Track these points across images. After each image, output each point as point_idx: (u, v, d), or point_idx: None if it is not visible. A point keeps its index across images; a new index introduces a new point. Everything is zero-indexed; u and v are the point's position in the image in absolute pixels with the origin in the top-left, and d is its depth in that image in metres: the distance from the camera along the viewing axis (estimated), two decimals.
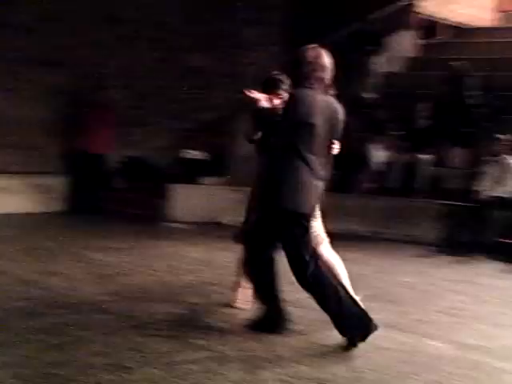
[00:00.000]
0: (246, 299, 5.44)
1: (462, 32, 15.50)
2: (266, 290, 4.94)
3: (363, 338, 4.65)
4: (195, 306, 5.58)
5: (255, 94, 4.73)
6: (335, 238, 8.50)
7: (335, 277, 5.00)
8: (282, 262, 4.87)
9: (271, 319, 4.94)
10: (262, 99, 4.73)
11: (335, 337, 4.88)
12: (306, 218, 4.72)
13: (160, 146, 12.42)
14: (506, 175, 9.07)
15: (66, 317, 5.07)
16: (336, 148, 4.90)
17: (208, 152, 11.88)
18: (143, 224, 9.89)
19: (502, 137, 9.26)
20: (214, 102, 12.96)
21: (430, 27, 15.36)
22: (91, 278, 6.41)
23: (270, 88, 5.07)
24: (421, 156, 10.14)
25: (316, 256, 4.81)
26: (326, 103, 4.74)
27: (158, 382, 3.94)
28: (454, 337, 5.13)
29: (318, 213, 5.11)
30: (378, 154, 10.55)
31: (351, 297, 4.78)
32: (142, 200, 10.78)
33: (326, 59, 4.78)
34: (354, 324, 4.67)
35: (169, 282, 6.43)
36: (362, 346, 4.73)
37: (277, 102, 4.81)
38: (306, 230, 4.72)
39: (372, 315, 5.48)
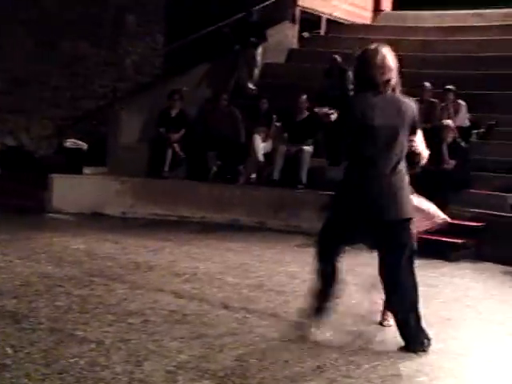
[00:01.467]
0: None
1: (342, 27, 15.94)
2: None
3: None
4: (77, 298, 5.46)
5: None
6: (219, 229, 8.59)
7: None
8: None
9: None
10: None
11: (220, 326, 4.93)
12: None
13: (41, 135, 12.08)
14: None
15: None
16: (415, 143, 4.76)
17: (89, 141, 11.64)
18: (24, 215, 9.55)
19: None
20: (95, 91, 12.73)
21: (313, 21, 15.69)
22: None
23: None
24: (304, 147, 10.30)
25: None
26: (386, 103, 4.62)
27: (38, 378, 3.84)
28: (336, 325, 5.20)
29: None
30: (262, 145, 10.64)
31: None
32: (22, 190, 10.40)
33: (391, 59, 4.72)
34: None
35: (50, 273, 6.25)
36: (246, 335, 4.80)
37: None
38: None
39: (256, 304, 5.62)
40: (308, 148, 10.39)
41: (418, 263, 4.77)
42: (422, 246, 5.00)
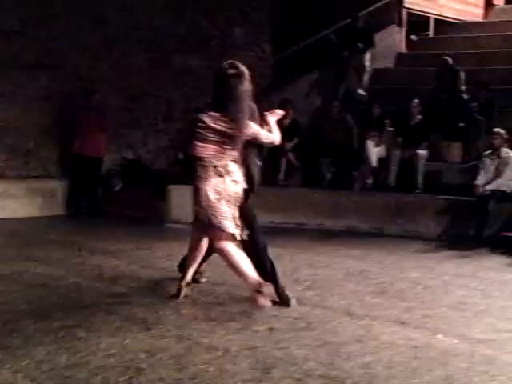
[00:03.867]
0: None
1: (451, 27, 15.59)
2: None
3: None
4: (201, 306, 5.55)
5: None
6: (336, 236, 8.52)
7: None
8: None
9: None
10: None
11: (345, 333, 4.91)
12: None
13: (157, 148, 12.44)
14: (504, 168, 9.07)
15: (74, 318, 5.06)
16: None
17: None
18: (144, 226, 9.85)
19: (497, 130, 9.26)
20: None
21: (421, 22, 15.44)
22: (96, 280, 6.37)
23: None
24: (418, 151, 10.13)
25: None
26: None
27: (172, 382, 3.95)
28: (464, 331, 5.12)
29: None
30: (375, 150, 10.54)
31: None
32: (142, 202, 10.74)
33: None
34: None
35: (173, 282, 6.39)
36: (372, 342, 4.76)
37: None
38: None
39: (379, 311, 5.55)
40: (423, 152, 10.22)
41: None
42: None
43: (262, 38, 14.09)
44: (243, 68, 5.42)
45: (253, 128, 5.52)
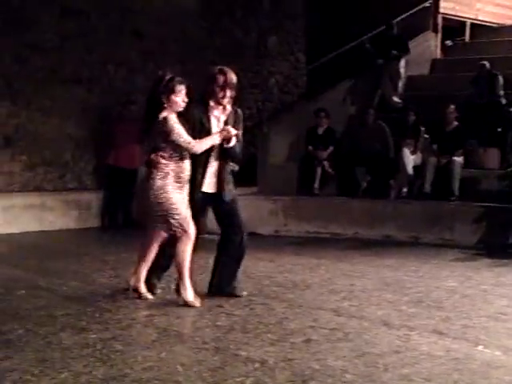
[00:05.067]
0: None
1: (487, 31, 15.42)
2: None
3: None
4: (237, 318, 5.55)
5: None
6: (372, 245, 8.46)
7: None
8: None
9: None
10: None
11: (383, 344, 4.87)
12: None
13: None
14: None
15: (111, 331, 5.09)
16: None
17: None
18: None
19: None
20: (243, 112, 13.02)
21: (456, 28, 15.30)
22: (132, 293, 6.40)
23: None
24: (455, 158, 10.03)
25: None
26: None
27: None
28: (506, 343, 5.03)
29: None
30: (411, 158, 10.46)
31: None
32: None
33: None
34: None
35: (208, 294, 6.38)
36: (411, 353, 4.71)
37: None
38: None
39: (417, 321, 5.49)
40: (459, 159, 10.13)
41: None
42: None
43: (296, 46, 14.10)
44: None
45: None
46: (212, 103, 5.92)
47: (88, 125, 11.13)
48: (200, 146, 5.80)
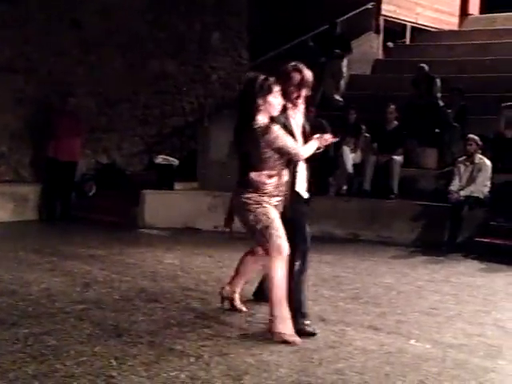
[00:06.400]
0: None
1: (426, 35, 15.71)
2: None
3: None
4: (173, 312, 5.51)
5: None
6: (311, 241, 8.46)
7: None
8: None
9: None
10: None
11: (318, 339, 4.90)
12: None
13: (132, 152, 12.37)
14: (478, 174, 9.13)
15: (43, 325, 4.98)
16: None
17: (178, 157, 11.82)
18: (117, 231, 9.77)
19: (472, 136, 9.31)
20: (183, 107, 12.99)
21: (397, 30, 15.54)
22: (68, 286, 6.29)
23: None
24: (394, 157, 10.16)
25: None
26: None
27: None
28: (436, 337, 5.15)
29: None
30: (351, 156, 10.54)
31: None
32: (115, 207, 10.67)
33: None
34: None
35: (146, 288, 6.33)
36: (345, 348, 4.75)
37: None
38: None
39: (353, 317, 5.55)
40: (398, 158, 10.25)
41: None
42: None
43: (239, 43, 14.09)
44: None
45: None
46: (288, 104, 5.22)
47: (25, 116, 10.90)
48: (306, 152, 5.16)
